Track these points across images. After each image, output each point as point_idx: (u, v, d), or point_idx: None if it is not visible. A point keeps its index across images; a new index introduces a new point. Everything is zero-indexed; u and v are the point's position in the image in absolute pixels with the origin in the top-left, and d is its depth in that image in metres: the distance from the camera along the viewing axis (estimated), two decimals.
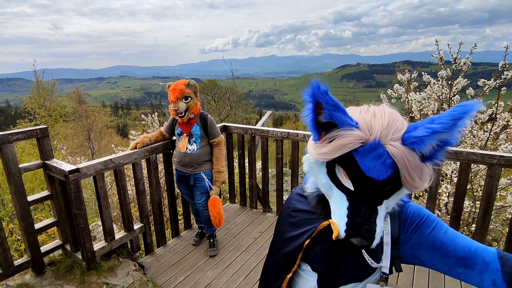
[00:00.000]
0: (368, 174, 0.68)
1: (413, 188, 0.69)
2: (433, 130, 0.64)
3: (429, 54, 4.24)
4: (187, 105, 2.57)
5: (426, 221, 0.82)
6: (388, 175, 0.68)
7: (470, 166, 2.43)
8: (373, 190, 0.69)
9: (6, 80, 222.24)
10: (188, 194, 2.93)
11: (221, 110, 16.21)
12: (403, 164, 0.66)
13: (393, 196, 0.73)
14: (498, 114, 3.88)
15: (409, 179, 0.67)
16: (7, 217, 6.78)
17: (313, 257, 0.91)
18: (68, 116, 15.80)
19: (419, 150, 0.67)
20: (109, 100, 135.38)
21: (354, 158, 0.69)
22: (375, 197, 0.71)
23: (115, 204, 6.05)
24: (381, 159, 0.67)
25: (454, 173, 3.80)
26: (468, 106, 0.61)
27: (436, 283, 2.40)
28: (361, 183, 0.70)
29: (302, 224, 0.92)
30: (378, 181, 0.68)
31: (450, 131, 0.64)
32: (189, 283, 2.50)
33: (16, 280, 2.22)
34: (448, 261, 0.76)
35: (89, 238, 2.30)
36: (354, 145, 0.67)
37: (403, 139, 0.67)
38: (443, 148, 0.68)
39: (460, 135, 0.66)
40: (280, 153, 3.36)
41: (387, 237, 0.84)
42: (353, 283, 0.88)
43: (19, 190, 2.13)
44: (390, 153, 0.67)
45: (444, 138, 0.66)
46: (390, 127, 0.68)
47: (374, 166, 0.68)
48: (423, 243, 0.80)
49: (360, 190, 0.70)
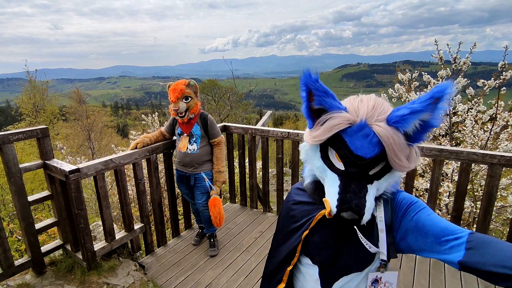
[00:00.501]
0: (356, 152, 0.75)
1: (400, 167, 0.74)
2: (414, 109, 0.70)
3: (429, 54, 4.24)
4: (188, 105, 2.57)
5: (413, 206, 0.86)
6: (375, 153, 0.74)
7: (470, 166, 2.43)
8: (362, 167, 0.75)
9: (6, 80, 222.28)
10: (189, 194, 2.93)
11: (221, 110, 16.20)
12: (388, 141, 0.71)
13: (384, 178, 0.78)
14: (499, 114, 3.88)
15: (395, 157, 0.72)
16: (8, 217, 6.78)
17: (312, 248, 0.94)
18: (64, 115, 15.74)
19: (403, 129, 0.72)
20: (109, 100, 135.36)
21: (344, 138, 0.76)
22: (364, 175, 0.76)
23: (115, 204, 6.06)
24: (368, 138, 0.73)
25: (455, 172, 3.80)
26: (444, 86, 0.68)
27: (436, 283, 2.40)
28: (350, 162, 0.76)
29: (301, 216, 0.96)
30: (366, 158, 0.74)
31: (429, 110, 0.70)
32: (189, 283, 2.50)
33: (17, 280, 2.22)
34: (427, 240, 0.79)
35: (89, 238, 2.30)
36: (343, 125, 0.74)
37: (388, 119, 0.73)
38: (426, 129, 0.74)
39: (441, 117, 0.72)
40: (280, 153, 3.36)
41: (381, 224, 0.87)
42: (354, 272, 0.90)
43: (20, 190, 2.13)
44: (376, 132, 0.73)
45: (426, 119, 0.72)
46: (375, 110, 0.75)
47: (362, 144, 0.74)
48: (408, 227, 0.84)
49: (350, 168, 0.76)
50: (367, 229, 0.88)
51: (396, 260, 2.66)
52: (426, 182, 3.89)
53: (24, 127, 11.54)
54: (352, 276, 0.90)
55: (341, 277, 0.90)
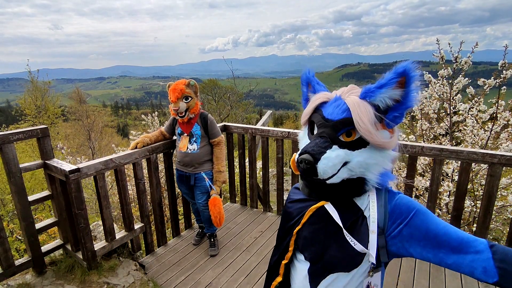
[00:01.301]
0: (327, 116, 0.87)
1: (366, 132, 0.80)
2: (379, 83, 0.81)
3: (430, 54, 4.23)
4: (188, 105, 2.57)
5: (417, 214, 0.84)
6: (342, 116, 0.84)
7: (471, 165, 2.43)
8: (330, 128, 0.85)
9: (7, 80, 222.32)
10: (189, 194, 2.93)
11: (222, 109, 16.19)
12: (354, 107, 0.81)
13: (359, 152, 0.83)
14: (499, 113, 3.87)
15: (359, 120, 0.79)
16: (7, 217, 6.78)
17: (303, 243, 0.98)
18: (65, 115, 15.73)
19: (371, 101, 0.82)
20: (109, 100, 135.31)
21: (321, 109, 0.90)
22: (332, 136, 0.85)
23: (115, 204, 6.06)
24: (338, 107, 0.86)
25: (455, 172, 3.79)
26: (407, 63, 0.77)
27: (437, 282, 2.39)
28: (321, 124, 0.87)
29: (296, 213, 1.00)
30: (333, 120, 0.85)
31: (394, 85, 0.79)
32: (189, 283, 2.50)
33: (17, 280, 2.22)
34: (440, 251, 0.79)
35: (89, 238, 2.30)
36: (321, 99, 0.90)
37: (359, 95, 0.84)
38: (401, 108, 0.81)
39: (415, 98, 0.80)
40: (280, 153, 3.35)
41: (373, 225, 0.86)
42: (341, 272, 0.90)
43: (20, 190, 2.13)
44: (345, 101, 0.85)
45: (397, 98, 0.80)
46: (350, 89, 0.89)
47: (333, 111, 0.86)
48: (415, 235, 0.83)
49: (320, 129, 0.88)
50: (355, 228, 0.88)
51: (396, 260, 2.66)
52: (426, 182, 3.89)
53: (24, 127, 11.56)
54: (338, 275, 0.90)
55: (328, 275, 0.91)
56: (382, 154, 0.85)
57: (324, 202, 0.92)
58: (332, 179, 0.83)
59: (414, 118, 4.65)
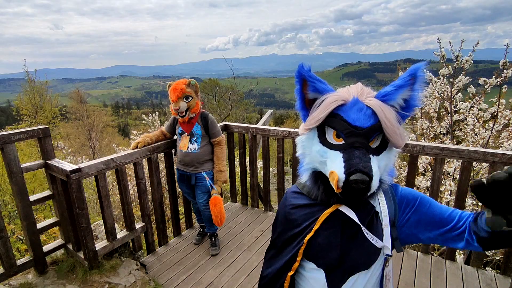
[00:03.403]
0: (354, 123, 0.79)
1: (396, 137, 0.79)
2: (396, 84, 0.80)
3: (430, 52, 4.23)
4: (188, 104, 2.57)
5: (421, 200, 0.90)
6: (371, 123, 0.79)
7: (472, 164, 2.42)
8: (362, 137, 0.79)
9: (8, 80, 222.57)
10: (190, 193, 2.93)
11: (222, 109, 16.19)
12: (380, 111, 0.78)
13: (382, 155, 0.82)
14: (500, 112, 3.87)
15: (389, 125, 0.77)
16: (9, 217, 6.80)
17: (317, 251, 0.91)
18: (63, 115, 15.74)
19: (391, 103, 0.81)
20: (110, 100, 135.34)
21: (340, 114, 0.81)
22: (365, 145, 0.79)
23: (116, 204, 6.07)
24: (362, 111, 0.79)
25: (456, 171, 3.79)
26: (418, 66, 0.78)
27: (437, 281, 2.39)
28: (350, 133, 0.79)
29: (303, 220, 0.93)
30: (364, 128, 0.79)
31: (409, 85, 0.79)
32: (190, 282, 2.50)
33: (19, 280, 2.23)
34: (445, 229, 0.85)
35: (91, 237, 2.30)
36: (337, 102, 0.81)
37: (376, 96, 0.82)
38: (408, 108, 0.82)
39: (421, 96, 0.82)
40: (281, 152, 3.35)
41: (385, 219, 0.88)
42: (361, 271, 0.89)
43: (21, 190, 2.13)
44: (368, 105, 0.80)
45: (406, 96, 0.81)
46: (363, 90, 0.83)
47: (358, 117, 0.79)
48: (422, 220, 0.88)
49: (350, 139, 0.79)
50: (372, 226, 0.88)
51: (398, 259, 2.66)
52: (427, 181, 3.89)
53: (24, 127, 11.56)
54: (359, 275, 0.90)
55: (349, 278, 0.89)
56: (394, 153, 0.87)
57: (337, 205, 0.88)
58: None
59: (414, 117, 4.64)
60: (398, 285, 2.37)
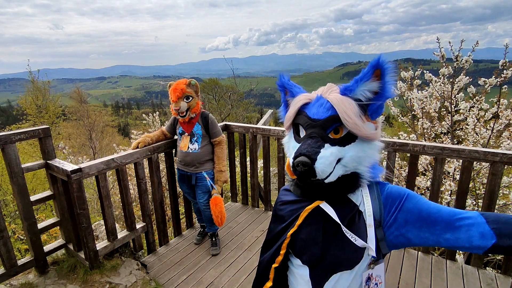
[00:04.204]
0: (313, 117, 0.87)
1: (354, 126, 0.82)
2: (356, 78, 0.84)
3: (431, 52, 4.22)
4: (188, 104, 2.57)
5: (408, 198, 0.88)
6: (328, 114, 0.85)
7: (472, 164, 2.42)
8: (318, 127, 0.86)
9: (8, 80, 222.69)
10: (190, 193, 2.94)
11: (222, 109, 16.19)
12: (338, 103, 0.83)
13: (349, 147, 0.85)
14: (501, 112, 3.86)
15: (345, 115, 0.81)
16: (9, 217, 6.80)
17: (300, 246, 0.94)
18: (66, 115, 15.78)
19: (352, 96, 0.84)
20: (110, 100, 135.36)
21: (305, 111, 0.90)
22: (321, 134, 0.85)
23: (117, 204, 6.07)
24: (322, 106, 0.87)
25: (457, 171, 3.79)
26: (379, 56, 0.81)
27: (438, 280, 2.39)
28: (308, 125, 0.87)
29: (289, 216, 0.98)
30: (320, 119, 0.86)
31: (371, 77, 0.82)
32: (191, 282, 2.50)
33: (20, 280, 2.23)
34: (436, 229, 0.82)
35: (91, 237, 2.31)
36: (303, 100, 0.90)
37: (339, 92, 0.87)
38: (380, 99, 0.84)
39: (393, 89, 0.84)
40: (281, 152, 3.35)
41: (369, 218, 0.87)
42: (344, 270, 0.89)
43: (22, 190, 2.14)
44: (328, 100, 0.86)
45: (376, 90, 0.84)
46: (329, 88, 0.90)
47: (317, 110, 0.87)
48: (409, 219, 0.85)
49: (308, 130, 0.87)
50: (353, 224, 0.88)
51: (398, 258, 2.66)
52: (428, 181, 3.89)
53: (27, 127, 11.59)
54: (342, 274, 0.90)
55: (331, 276, 0.90)
56: (370, 146, 0.88)
57: (319, 201, 0.91)
58: (329, 177, 0.84)
59: (415, 117, 4.64)
60: (399, 285, 2.37)
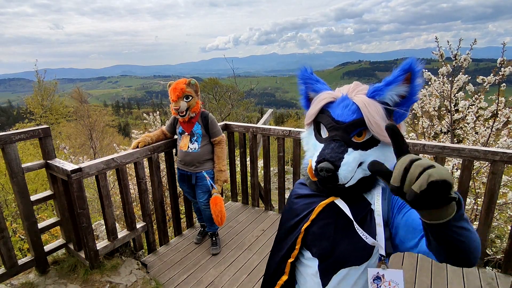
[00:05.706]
0: (337, 118, 0.85)
1: (382, 133, 0.79)
2: (387, 81, 0.81)
3: (431, 51, 4.22)
4: (188, 104, 2.57)
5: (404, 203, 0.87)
6: (353, 118, 0.83)
7: (472, 163, 2.42)
8: (342, 130, 0.84)
9: (8, 80, 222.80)
10: (190, 193, 2.94)
11: (222, 108, 16.18)
12: (364, 107, 0.80)
13: (371, 151, 0.84)
14: (500, 110, 3.86)
15: (373, 122, 0.79)
16: (10, 217, 6.81)
17: (311, 239, 0.96)
18: (70, 116, 15.84)
19: (380, 99, 0.82)
20: (110, 100, 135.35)
21: (328, 111, 0.88)
22: (345, 138, 0.83)
23: (117, 203, 6.07)
24: (347, 107, 0.84)
25: (455, 168, 3.78)
26: (410, 60, 0.77)
27: (438, 280, 2.40)
28: (332, 127, 0.85)
29: (302, 209, 0.99)
30: (345, 122, 0.84)
31: (402, 80, 0.79)
32: (191, 281, 2.51)
33: (20, 279, 2.24)
34: (415, 235, 0.80)
35: (92, 237, 2.31)
36: (327, 99, 0.88)
37: (366, 93, 0.84)
38: (407, 103, 0.82)
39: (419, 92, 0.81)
40: (281, 151, 3.35)
41: (378, 218, 0.88)
42: (352, 266, 0.90)
43: (22, 189, 2.14)
44: (354, 101, 0.83)
45: (403, 94, 0.81)
46: (356, 87, 0.87)
47: (342, 112, 0.85)
48: (399, 223, 0.86)
49: (332, 132, 0.86)
50: (365, 223, 0.89)
51: (398, 257, 2.66)
52: None
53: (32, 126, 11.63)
54: (350, 270, 0.91)
55: (339, 270, 0.91)
56: (391, 150, 0.86)
57: (334, 197, 0.92)
58: (350, 182, 0.84)
59: (415, 116, 4.64)
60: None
